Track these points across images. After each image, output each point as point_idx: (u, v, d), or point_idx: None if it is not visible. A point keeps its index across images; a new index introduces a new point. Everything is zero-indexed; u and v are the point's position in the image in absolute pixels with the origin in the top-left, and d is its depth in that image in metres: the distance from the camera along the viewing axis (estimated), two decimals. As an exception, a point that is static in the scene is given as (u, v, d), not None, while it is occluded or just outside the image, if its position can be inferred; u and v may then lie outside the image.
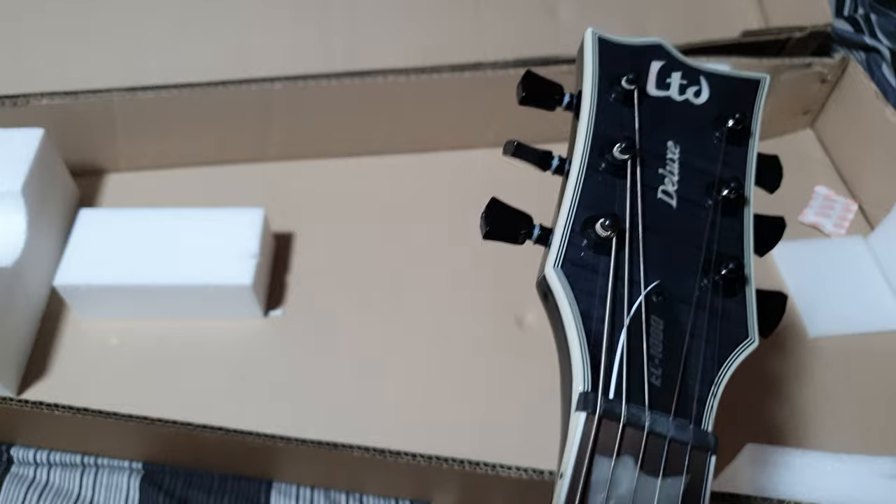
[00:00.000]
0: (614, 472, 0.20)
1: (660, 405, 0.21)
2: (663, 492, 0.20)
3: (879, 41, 0.73)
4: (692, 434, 0.20)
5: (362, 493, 0.51)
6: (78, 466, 0.51)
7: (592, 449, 0.20)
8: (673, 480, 0.20)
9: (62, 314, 0.54)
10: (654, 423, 0.21)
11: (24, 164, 0.52)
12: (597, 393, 0.20)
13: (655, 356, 0.21)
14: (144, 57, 0.59)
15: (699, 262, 0.23)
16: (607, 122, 0.26)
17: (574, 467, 0.20)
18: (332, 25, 0.61)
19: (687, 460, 0.20)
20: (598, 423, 0.20)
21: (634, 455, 0.20)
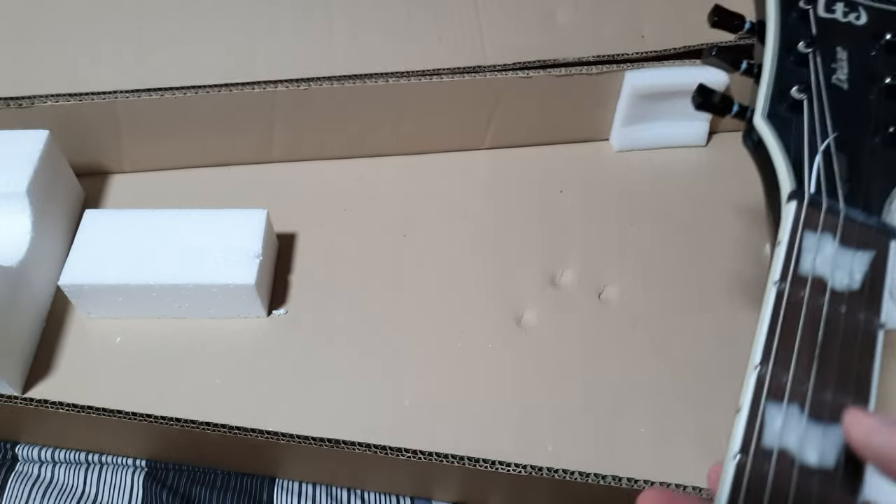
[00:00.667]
0: (819, 241, 0.28)
1: (850, 202, 0.30)
2: (856, 259, 0.28)
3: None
4: (876, 221, 0.29)
5: (364, 490, 0.51)
6: (82, 464, 0.52)
7: (803, 226, 0.29)
8: (863, 252, 0.28)
9: (67, 313, 0.55)
10: (847, 211, 0.29)
11: (29, 165, 0.52)
12: (802, 190, 0.30)
13: (843, 173, 0.30)
14: (148, 59, 0.59)
15: (871, 124, 0.32)
16: (790, 31, 0.34)
17: (788, 238, 0.28)
18: (334, 29, 0.61)
19: (874, 238, 0.29)
20: (806, 206, 0.29)
21: (833, 231, 0.29)
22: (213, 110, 0.59)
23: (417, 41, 0.61)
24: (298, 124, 0.61)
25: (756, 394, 0.26)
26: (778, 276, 0.28)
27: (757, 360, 0.27)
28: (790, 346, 0.27)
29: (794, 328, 0.27)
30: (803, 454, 0.24)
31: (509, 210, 0.63)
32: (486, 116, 0.64)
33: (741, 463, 0.24)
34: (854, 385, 0.26)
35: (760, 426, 0.25)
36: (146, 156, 0.62)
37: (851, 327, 0.27)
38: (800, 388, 0.25)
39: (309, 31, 0.61)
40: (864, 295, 0.27)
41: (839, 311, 0.27)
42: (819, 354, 0.26)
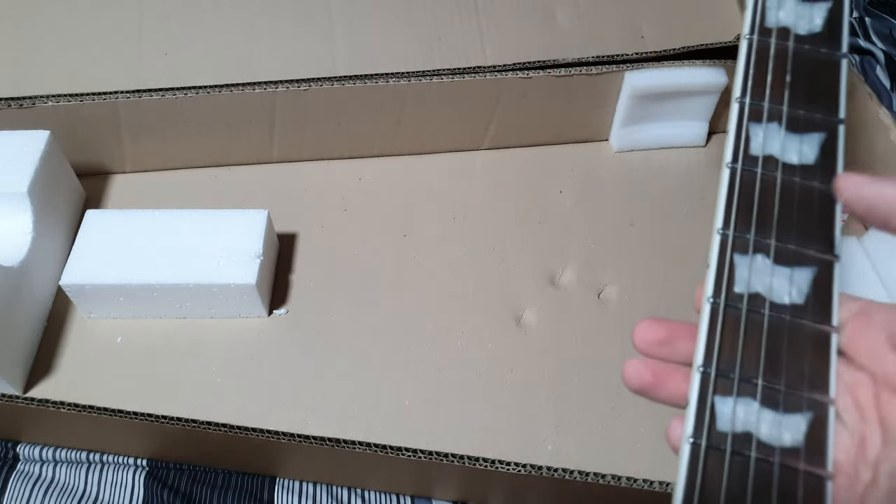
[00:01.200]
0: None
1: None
2: (815, 10, 0.31)
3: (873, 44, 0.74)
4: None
5: (364, 489, 0.52)
6: (83, 463, 0.52)
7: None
8: (820, 3, 0.32)
9: (68, 313, 0.55)
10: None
11: (30, 165, 0.52)
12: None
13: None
14: (149, 60, 0.59)
15: None
16: None
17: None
18: (334, 30, 0.61)
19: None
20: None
21: None
22: (214, 111, 0.59)
23: (417, 42, 0.61)
24: (299, 125, 0.61)
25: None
26: (746, 30, 0.32)
27: (737, 94, 0.31)
28: (764, 80, 0.31)
29: (765, 65, 0.31)
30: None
31: (509, 210, 0.63)
32: (485, 117, 0.64)
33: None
34: (823, 102, 0.30)
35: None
36: (147, 156, 0.62)
37: (814, 58, 0.31)
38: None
39: (309, 31, 0.61)
40: (824, 35, 0.32)
41: (803, 48, 0.31)
42: (790, 81, 0.31)
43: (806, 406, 0.26)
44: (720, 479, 0.25)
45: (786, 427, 0.25)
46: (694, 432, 0.25)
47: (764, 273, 0.28)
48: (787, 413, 0.25)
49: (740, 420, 0.25)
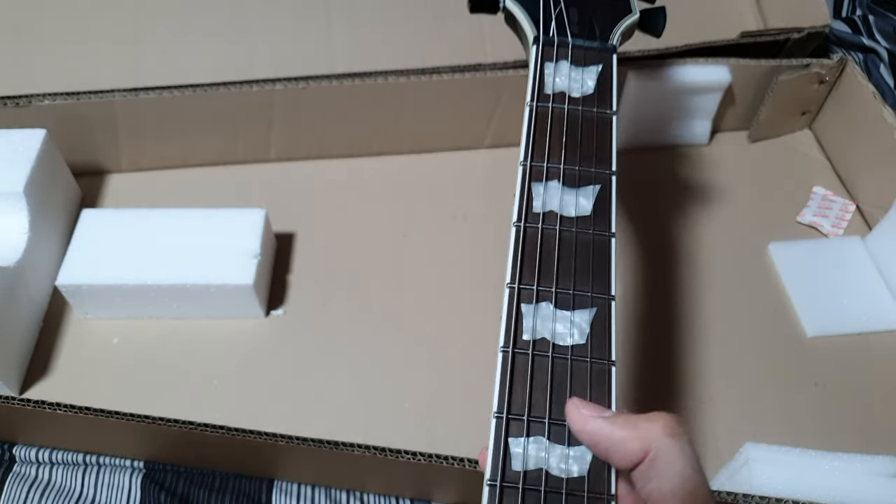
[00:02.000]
0: (556, 66, 0.39)
1: (579, 35, 0.41)
2: (587, 72, 0.39)
3: (877, 42, 0.73)
4: (601, 45, 0.41)
5: (363, 492, 0.51)
6: (80, 465, 0.52)
7: (542, 58, 0.39)
8: (593, 67, 0.39)
9: (64, 314, 0.54)
10: (575, 41, 0.40)
11: (26, 164, 0.52)
12: (539, 35, 0.41)
13: (573, 19, 0.42)
14: (146, 58, 0.59)
15: None
16: None
17: (532, 69, 0.39)
18: (332, 27, 0.61)
19: (600, 56, 0.40)
20: (543, 45, 0.40)
21: (566, 56, 0.40)
22: (212, 109, 0.59)
23: (417, 39, 0.61)
24: (297, 123, 0.61)
25: (523, 179, 0.35)
26: (528, 98, 0.38)
27: (521, 157, 0.36)
28: (544, 142, 0.36)
29: (545, 129, 0.36)
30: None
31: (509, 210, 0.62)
32: (486, 115, 0.63)
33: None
34: (596, 157, 0.36)
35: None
36: (144, 155, 0.62)
37: (589, 118, 0.37)
38: (555, 167, 0.35)
39: (307, 29, 0.61)
40: (596, 96, 0.38)
41: (578, 110, 0.37)
42: (566, 141, 0.36)
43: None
44: None
45: (572, 459, 0.29)
46: (491, 475, 0.28)
47: (548, 319, 0.31)
48: (572, 446, 0.29)
49: (532, 458, 0.29)
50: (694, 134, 0.67)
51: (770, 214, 0.63)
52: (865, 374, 0.54)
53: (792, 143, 0.69)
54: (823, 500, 0.41)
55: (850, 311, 0.57)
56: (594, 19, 0.42)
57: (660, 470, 0.26)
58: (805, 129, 0.70)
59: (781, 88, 0.64)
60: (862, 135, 0.63)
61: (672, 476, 0.26)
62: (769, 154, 0.68)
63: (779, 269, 0.59)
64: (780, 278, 0.59)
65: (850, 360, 0.55)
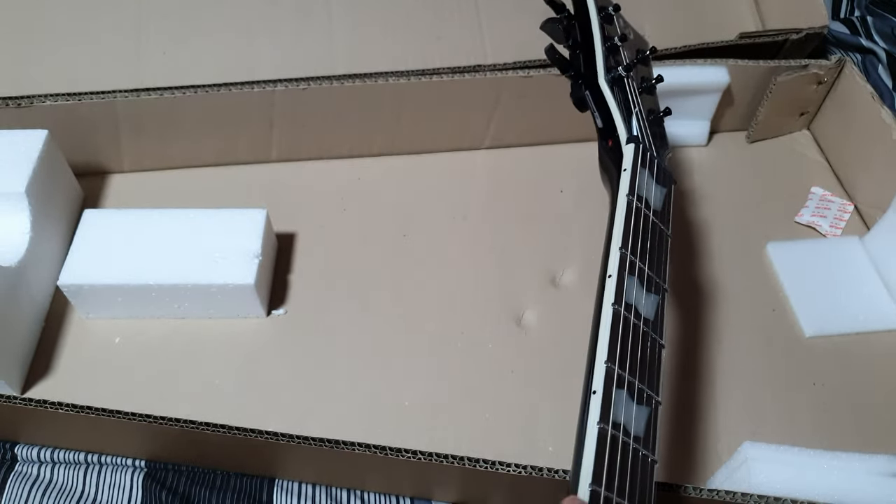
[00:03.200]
0: (646, 175, 0.44)
1: (655, 150, 0.45)
2: (659, 190, 0.44)
3: (875, 43, 0.73)
4: (664, 166, 0.46)
5: (364, 491, 0.51)
6: (81, 464, 0.52)
7: (640, 162, 0.44)
8: (662, 187, 0.44)
9: (66, 313, 0.55)
10: (654, 156, 0.45)
11: (28, 164, 0.52)
12: (635, 136, 0.45)
13: (646, 132, 0.46)
14: (148, 59, 0.59)
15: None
16: (604, 29, 0.48)
17: (631, 168, 0.43)
18: (333, 28, 0.61)
19: (666, 178, 0.45)
20: (642, 148, 0.45)
21: (651, 169, 0.44)
22: (213, 110, 0.59)
23: (417, 40, 0.61)
24: (298, 124, 0.61)
25: (621, 269, 0.39)
26: (627, 191, 0.42)
27: (618, 244, 0.40)
28: (636, 239, 0.41)
29: (637, 228, 0.41)
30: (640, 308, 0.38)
31: (509, 210, 0.62)
32: (486, 116, 0.63)
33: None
34: (658, 266, 0.41)
35: (620, 289, 0.38)
36: (145, 155, 0.62)
37: (658, 230, 0.42)
38: (637, 264, 0.39)
39: (308, 30, 0.61)
40: (664, 213, 0.43)
41: (653, 220, 0.42)
42: (648, 245, 0.41)
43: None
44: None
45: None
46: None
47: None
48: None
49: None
50: (693, 134, 0.67)
51: (768, 215, 0.63)
52: (864, 373, 0.54)
53: (790, 144, 0.69)
54: (822, 499, 0.41)
55: (849, 311, 0.57)
56: (654, 137, 0.46)
57: None
58: (803, 129, 0.70)
59: (780, 89, 0.64)
60: (860, 135, 0.63)
61: None
62: (768, 154, 0.68)
63: (777, 269, 0.59)
64: (779, 278, 0.59)
65: (849, 360, 0.55)
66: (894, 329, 0.56)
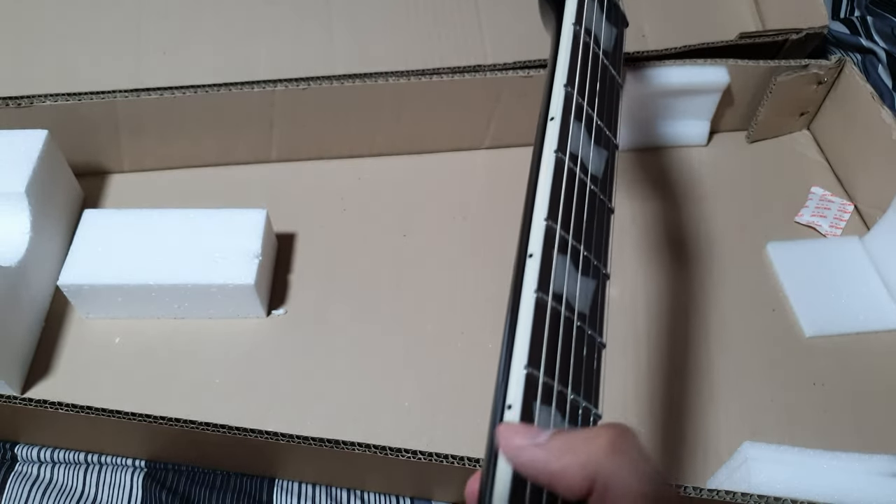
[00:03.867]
0: (598, 17, 0.37)
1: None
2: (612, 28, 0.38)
3: (875, 43, 0.73)
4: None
5: (364, 491, 0.51)
6: (81, 464, 0.52)
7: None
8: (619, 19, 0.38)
9: (66, 313, 0.55)
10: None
11: (28, 164, 0.52)
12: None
13: None
14: (148, 59, 0.59)
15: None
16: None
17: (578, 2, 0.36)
18: (333, 28, 0.61)
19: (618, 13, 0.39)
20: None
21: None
22: (213, 110, 0.59)
23: (417, 40, 0.61)
24: (298, 124, 0.61)
25: (565, 112, 0.33)
26: (573, 20, 0.36)
27: (562, 80, 0.34)
28: (584, 78, 0.35)
29: (585, 67, 0.35)
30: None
31: (509, 210, 0.62)
32: (486, 116, 0.63)
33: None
34: (611, 117, 0.36)
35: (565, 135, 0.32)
36: (145, 155, 0.62)
37: (610, 78, 0.36)
38: (584, 107, 0.34)
39: (308, 30, 0.61)
40: (615, 57, 0.38)
41: (602, 61, 0.36)
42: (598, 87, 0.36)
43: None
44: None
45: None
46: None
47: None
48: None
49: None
50: (692, 134, 0.67)
51: (768, 215, 0.63)
52: (864, 373, 0.54)
53: (790, 144, 0.69)
54: (822, 499, 0.41)
55: (849, 311, 0.57)
56: None
57: (617, 497, 0.22)
58: (803, 129, 0.70)
59: (780, 89, 0.64)
60: (860, 135, 0.63)
61: (632, 499, 0.22)
62: (768, 154, 0.68)
63: (777, 269, 0.59)
64: (779, 278, 0.59)
65: (849, 360, 0.55)
66: (894, 329, 0.56)
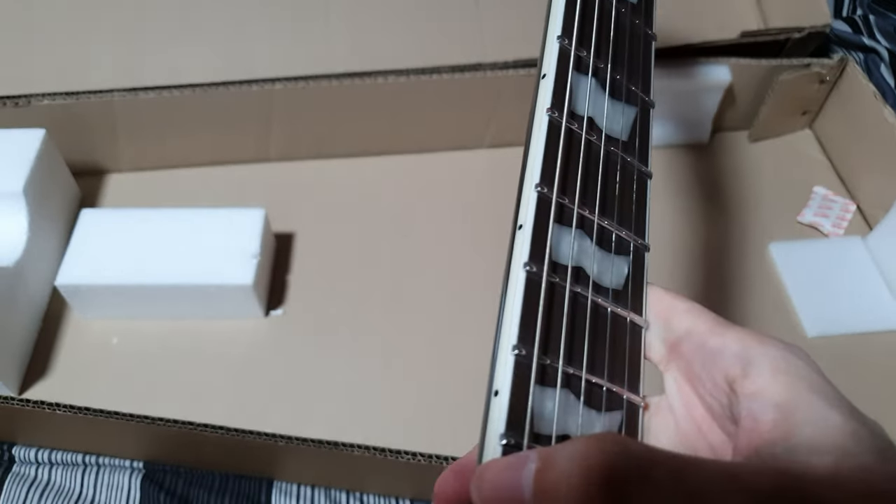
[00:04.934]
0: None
1: None
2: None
3: (878, 42, 0.73)
4: None
5: (363, 492, 0.51)
6: (79, 465, 0.51)
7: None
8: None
9: (64, 314, 0.54)
10: None
11: (25, 164, 0.52)
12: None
13: None
14: (145, 57, 0.59)
15: None
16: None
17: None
18: (332, 26, 0.61)
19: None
20: None
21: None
22: (211, 109, 0.58)
23: (417, 38, 0.61)
24: (297, 123, 0.61)
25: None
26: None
27: (556, 31, 0.30)
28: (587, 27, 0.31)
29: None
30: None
31: (510, 210, 0.62)
32: (486, 115, 0.63)
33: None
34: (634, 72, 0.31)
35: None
36: (143, 155, 0.62)
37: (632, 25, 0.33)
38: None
39: (307, 28, 0.61)
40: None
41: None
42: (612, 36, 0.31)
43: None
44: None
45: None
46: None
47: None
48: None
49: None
50: (694, 133, 0.67)
51: (770, 214, 0.63)
52: (866, 374, 0.54)
53: (792, 143, 0.69)
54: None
55: (851, 312, 0.56)
56: None
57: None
58: (805, 128, 0.70)
59: (782, 88, 0.64)
60: (863, 135, 0.63)
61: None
62: (769, 154, 0.68)
63: (779, 270, 0.59)
64: (781, 278, 0.59)
65: (851, 361, 0.55)
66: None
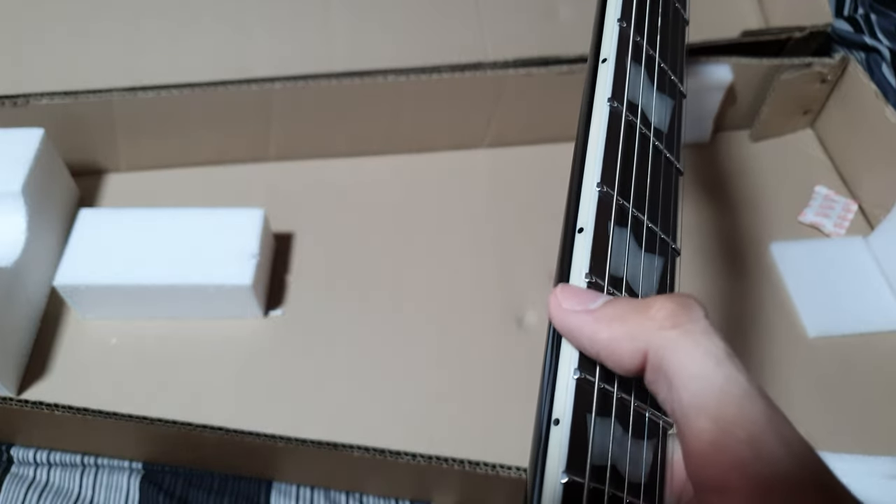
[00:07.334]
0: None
1: None
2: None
3: (879, 41, 0.73)
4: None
5: (362, 494, 0.51)
6: (78, 466, 0.51)
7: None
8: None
9: (62, 314, 0.54)
10: None
11: (23, 164, 0.52)
12: None
13: None
14: (144, 57, 0.58)
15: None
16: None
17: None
18: (332, 25, 0.60)
19: None
20: None
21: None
22: (210, 108, 0.58)
23: (417, 37, 0.60)
24: (296, 122, 0.61)
25: (621, 51, 0.28)
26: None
27: (615, 14, 0.30)
28: (641, 12, 0.31)
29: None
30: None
31: (510, 209, 0.62)
32: (486, 114, 0.63)
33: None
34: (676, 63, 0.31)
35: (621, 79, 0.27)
36: (142, 154, 0.62)
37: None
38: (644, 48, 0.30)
39: (306, 27, 0.60)
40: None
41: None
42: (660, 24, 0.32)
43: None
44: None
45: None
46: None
47: None
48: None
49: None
50: (695, 133, 0.67)
51: (772, 214, 0.63)
52: (867, 374, 0.54)
53: (794, 143, 0.69)
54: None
55: (852, 312, 0.56)
56: None
57: (670, 377, 0.20)
58: (807, 128, 0.69)
59: (783, 87, 0.64)
60: (864, 134, 0.63)
61: (686, 381, 0.19)
62: (771, 153, 0.68)
63: (780, 269, 0.59)
64: (782, 278, 0.58)
65: (852, 361, 0.54)
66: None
